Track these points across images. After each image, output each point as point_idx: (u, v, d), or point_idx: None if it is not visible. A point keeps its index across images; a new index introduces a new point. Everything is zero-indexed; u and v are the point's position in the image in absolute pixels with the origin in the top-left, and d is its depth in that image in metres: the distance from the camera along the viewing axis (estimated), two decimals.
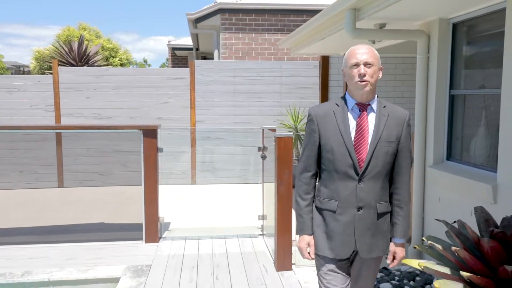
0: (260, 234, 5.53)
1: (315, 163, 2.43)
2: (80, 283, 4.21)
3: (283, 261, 4.42)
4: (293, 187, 5.07)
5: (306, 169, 2.43)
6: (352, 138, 2.32)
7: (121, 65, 17.21)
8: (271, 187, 4.88)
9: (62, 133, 8.38)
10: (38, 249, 4.94)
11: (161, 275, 4.27)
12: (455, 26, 4.12)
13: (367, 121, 2.33)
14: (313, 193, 2.45)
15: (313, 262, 4.54)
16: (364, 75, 2.26)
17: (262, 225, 5.69)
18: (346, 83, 2.34)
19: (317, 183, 2.48)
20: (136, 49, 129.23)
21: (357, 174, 2.31)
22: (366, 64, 2.27)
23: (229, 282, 4.11)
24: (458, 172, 3.87)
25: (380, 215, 2.38)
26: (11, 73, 31.12)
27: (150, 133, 5.10)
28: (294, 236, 4.58)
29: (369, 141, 2.30)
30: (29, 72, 39.33)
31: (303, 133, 8.23)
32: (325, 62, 8.51)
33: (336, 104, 2.39)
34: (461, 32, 4.08)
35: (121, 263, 4.55)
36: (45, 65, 13.75)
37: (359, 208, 2.33)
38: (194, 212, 6.65)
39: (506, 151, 3.20)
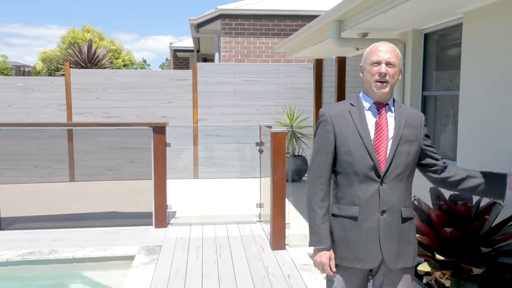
0: (258, 221, 6.15)
1: (330, 168, 2.25)
2: (101, 260, 4.82)
3: (277, 241, 5.04)
4: (288, 180, 5.65)
5: (322, 175, 2.24)
6: (372, 138, 2.18)
7: (124, 65, 17.81)
8: (267, 179, 5.48)
9: (74, 130, 8.98)
10: (60, 233, 5.56)
11: (171, 253, 4.89)
12: (426, 36, 4.75)
13: (387, 121, 2.20)
14: (329, 200, 2.26)
15: (303, 240, 5.16)
16: (385, 75, 2.13)
17: (259, 213, 6.30)
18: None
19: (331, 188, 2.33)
20: (135, 49, 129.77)
21: (378, 176, 2.15)
22: (388, 64, 2.15)
23: (230, 259, 4.73)
24: None
25: (405, 220, 2.19)
26: (15, 74, 31.65)
27: (159, 130, 5.71)
28: (288, 220, 5.20)
29: (390, 141, 2.18)
30: (29, 72, 39.82)
31: (299, 130, 8.85)
32: (318, 64, 9.14)
33: (351, 104, 2.25)
34: (431, 41, 4.71)
35: (135, 244, 5.16)
36: (52, 66, 14.37)
37: (383, 212, 2.15)
38: (197, 203, 7.26)
39: (463, 143, 3.82)
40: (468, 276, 2.78)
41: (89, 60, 12.10)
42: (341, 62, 7.53)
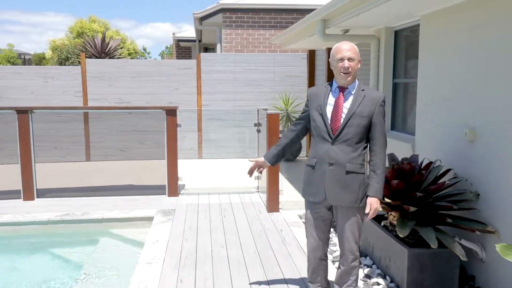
0: (256, 191, 7.12)
1: (302, 127, 3.18)
2: (126, 220, 5.78)
3: (272, 205, 6.01)
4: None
5: (295, 127, 3.21)
6: (330, 112, 2.96)
7: (129, 54, 18.64)
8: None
9: (89, 114, 9.91)
10: (88, 200, 6.53)
11: (184, 214, 5.87)
12: (396, 33, 5.67)
13: (343, 100, 2.94)
14: (288, 140, 3.23)
15: (294, 206, 6.14)
16: (348, 68, 2.89)
17: (257, 185, 7.27)
18: (331, 71, 3.28)
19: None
20: (133, 36, 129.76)
21: (331, 139, 2.94)
22: (349, 59, 2.89)
23: (233, 219, 5.71)
24: (396, 137, 5.46)
25: (348, 172, 2.93)
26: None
27: (171, 112, 6.65)
28: (281, 187, 6.16)
29: (344, 115, 2.92)
30: (30, 60, 40.43)
31: (293, 114, 9.80)
32: (311, 54, 10.05)
33: (325, 86, 3.07)
34: (401, 37, 5.63)
35: (152, 208, 6.13)
36: (63, 55, 15.23)
37: (331, 164, 2.94)
38: (203, 178, 8.23)
39: (420, 121, 4.77)
40: (411, 217, 3.75)
41: (103, 50, 13.01)
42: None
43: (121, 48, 18.45)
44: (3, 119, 9.80)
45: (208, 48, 17.66)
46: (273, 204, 6.00)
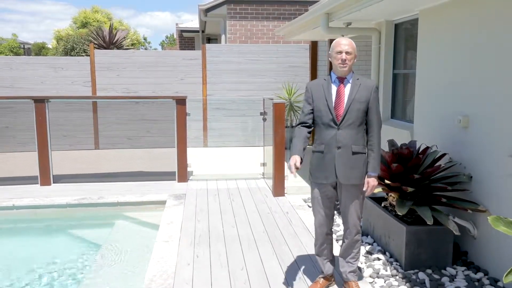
0: (262, 177, 7.44)
1: (308, 119, 3.39)
2: (139, 204, 6.11)
3: (278, 190, 6.34)
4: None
5: (302, 122, 3.42)
6: (333, 101, 3.29)
7: (132, 45, 18.86)
8: (269, 146, 6.73)
9: (98, 103, 10.20)
10: (103, 185, 6.85)
11: (194, 198, 6.20)
12: (396, 26, 5.96)
13: (344, 89, 3.29)
14: (304, 133, 3.37)
15: (299, 191, 6.47)
16: (345, 60, 3.24)
17: (263, 172, 7.59)
18: (331, 63, 3.43)
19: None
20: (133, 25, 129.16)
21: (336, 125, 3.26)
22: (347, 53, 3.23)
23: (241, 202, 6.04)
24: (396, 125, 5.77)
25: (354, 153, 3.27)
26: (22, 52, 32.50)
27: (181, 102, 6.95)
28: (286, 172, 6.49)
29: (345, 102, 3.26)
30: (29, 49, 40.54)
31: (296, 104, 10.10)
32: (314, 45, 10.32)
33: (324, 79, 3.39)
34: (400, 30, 5.92)
35: (164, 193, 6.46)
36: (68, 45, 15.47)
37: (339, 148, 3.26)
38: (209, 166, 8.55)
39: (418, 109, 5.08)
40: (409, 197, 4.08)
41: (111, 41, 13.28)
42: None
43: (127, 39, 18.68)
44: (13, 108, 10.10)
45: (211, 39, 17.90)
46: (279, 189, 6.33)
